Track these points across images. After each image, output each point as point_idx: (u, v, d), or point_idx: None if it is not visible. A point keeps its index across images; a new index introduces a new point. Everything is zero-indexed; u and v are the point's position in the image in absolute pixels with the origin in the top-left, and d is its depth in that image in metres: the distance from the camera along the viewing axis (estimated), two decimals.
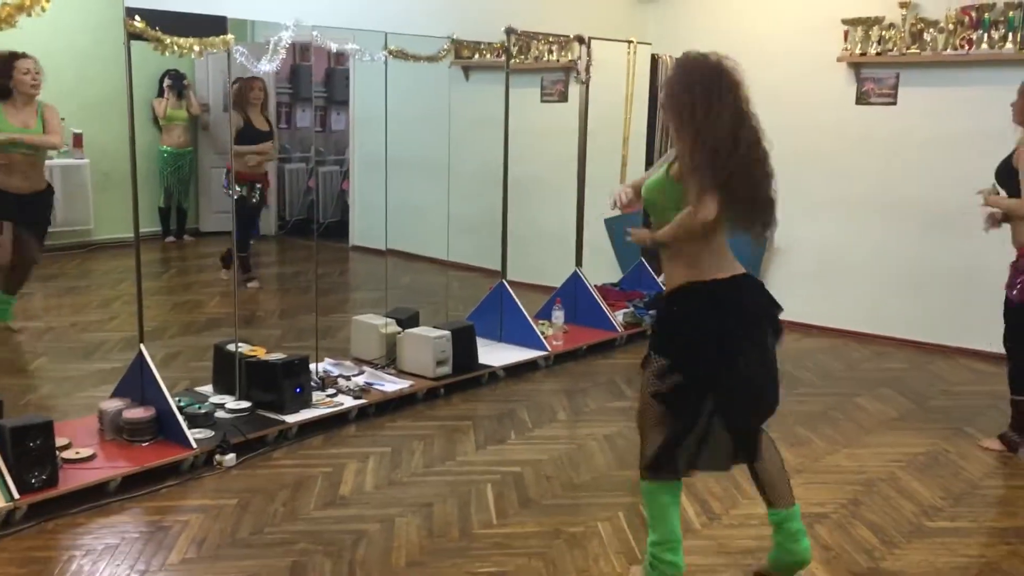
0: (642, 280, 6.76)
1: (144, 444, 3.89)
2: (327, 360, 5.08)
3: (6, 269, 5.60)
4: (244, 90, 6.96)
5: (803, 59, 6.37)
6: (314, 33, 4.52)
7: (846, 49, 6.16)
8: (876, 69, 6.10)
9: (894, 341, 6.10)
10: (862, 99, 6.19)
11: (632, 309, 6.32)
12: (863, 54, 6.07)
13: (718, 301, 2.78)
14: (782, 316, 2.92)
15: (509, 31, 5.49)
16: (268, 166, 7.32)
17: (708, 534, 3.41)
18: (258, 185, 7.06)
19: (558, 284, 6.26)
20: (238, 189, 6.85)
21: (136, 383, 4.07)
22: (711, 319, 2.76)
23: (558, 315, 5.88)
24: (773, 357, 2.87)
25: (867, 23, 6.02)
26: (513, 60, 5.60)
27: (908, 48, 5.90)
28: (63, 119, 6.22)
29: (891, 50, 5.97)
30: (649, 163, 6.92)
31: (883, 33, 5.99)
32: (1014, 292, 4.25)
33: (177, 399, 4.14)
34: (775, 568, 3.03)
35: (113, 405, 4.00)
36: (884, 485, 3.88)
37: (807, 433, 4.49)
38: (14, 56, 5.33)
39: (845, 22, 6.13)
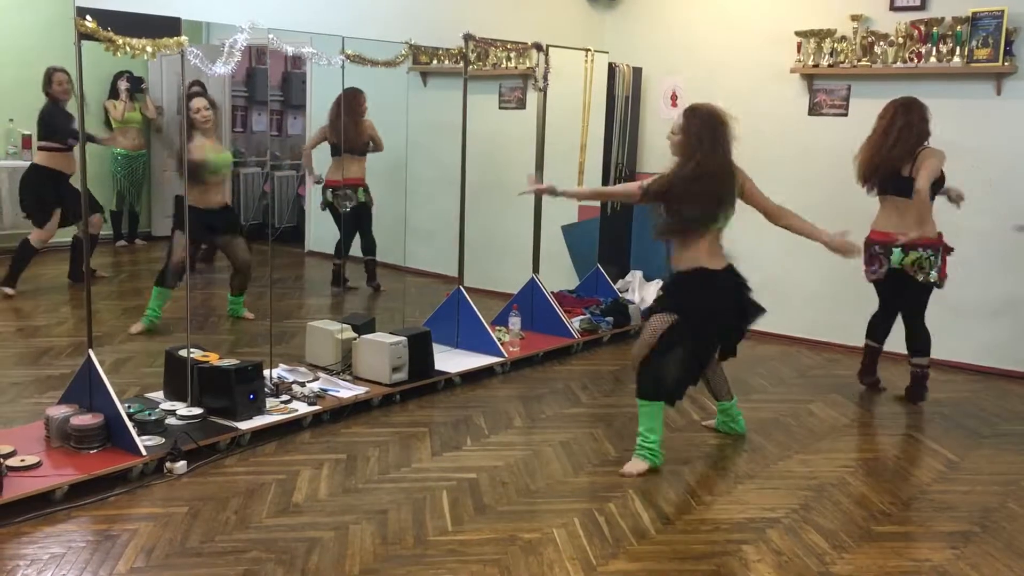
0: (598, 287, 6.79)
1: (92, 451, 3.81)
2: (281, 366, 5.03)
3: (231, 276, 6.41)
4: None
5: (757, 70, 6.46)
6: (270, 36, 4.48)
7: (799, 61, 6.27)
8: (828, 81, 6.21)
9: (844, 348, 6.19)
10: (814, 110, 6.29)
11: (588, 316, 6.34)
12: (816, 66, 6.17)
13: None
14: None
15: (467, 37, 5.49)
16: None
17: (662, 539, 3.43)
18: (347, 190, 7.03)
19: (515, 291, 6.27)
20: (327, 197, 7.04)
21: (84, 389, 3.99)
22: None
23: (515, 321, 5.88)
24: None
25: (820, 35, 6.13)
26: (471, 67, 5.61)
27: (859, 60, 6.01)
28: (11, 120, 6.33)
29: (843, 62, 6.08)
30: (606, 171, 6.98)
31: (835, 46, 6.10)
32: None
33: (127, 405, 4.07)
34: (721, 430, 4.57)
35: (60, 411, 3.92)
36: (835, 490, 3.94)
37: (760, 439, 4.54)
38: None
39: (798, 34, 6.23)
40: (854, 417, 4.93)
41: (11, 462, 3.62)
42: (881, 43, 5.94)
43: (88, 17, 3.69)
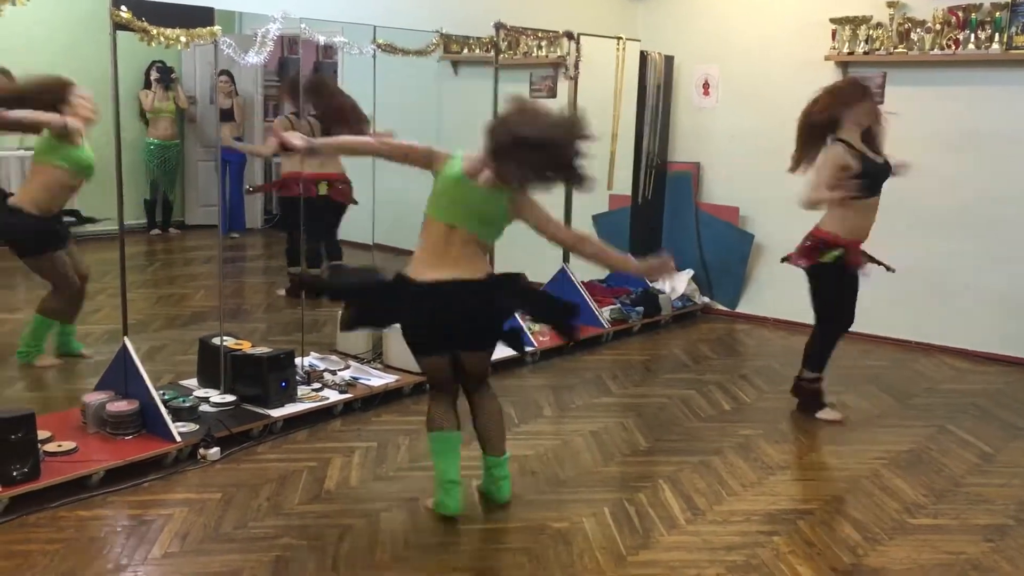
0: (629, 277, 6.76)
1: (127, 437, 3.86)
2: (313, 354, 5.06)
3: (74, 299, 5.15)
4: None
5: (791, 58, 6.38)
6: (302, 26, 4.50)
7: (834, 48, 6.18)
8: (863, 68, 6.12)
9: (877, 339, 6.12)
10: None
11: (619, 305, 6.33)
12: (851, 53, 6.09)
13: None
14: None
15: (498, 26, 5.48)
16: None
17: (692, 530, 3.42)
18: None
19: (545, 280, 6.25)
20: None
21: (120, 376, 4.04)
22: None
23: None
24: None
25: (855, 22, 6.04)
26: (502, 55, 5.60)
27: (895, 48, 5.92)
28: None
29: (878, 49, 5.99)
30: (637, 159, 6.94)
31: (871, 32, 6.01)
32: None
33: (161, 392, 4.12)
34: (485, 493, 3.63)
35: (96, 398, 3.98)
36: (867, 482, 3.90)
37: (792, 431, 4.51)
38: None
39: (833, 21, 6.14)
40: (887, 409, 4.88)
41: (49, 447, 3.68)
42: (918, 30, 5.84)
43: (123, 7, 3.72)
